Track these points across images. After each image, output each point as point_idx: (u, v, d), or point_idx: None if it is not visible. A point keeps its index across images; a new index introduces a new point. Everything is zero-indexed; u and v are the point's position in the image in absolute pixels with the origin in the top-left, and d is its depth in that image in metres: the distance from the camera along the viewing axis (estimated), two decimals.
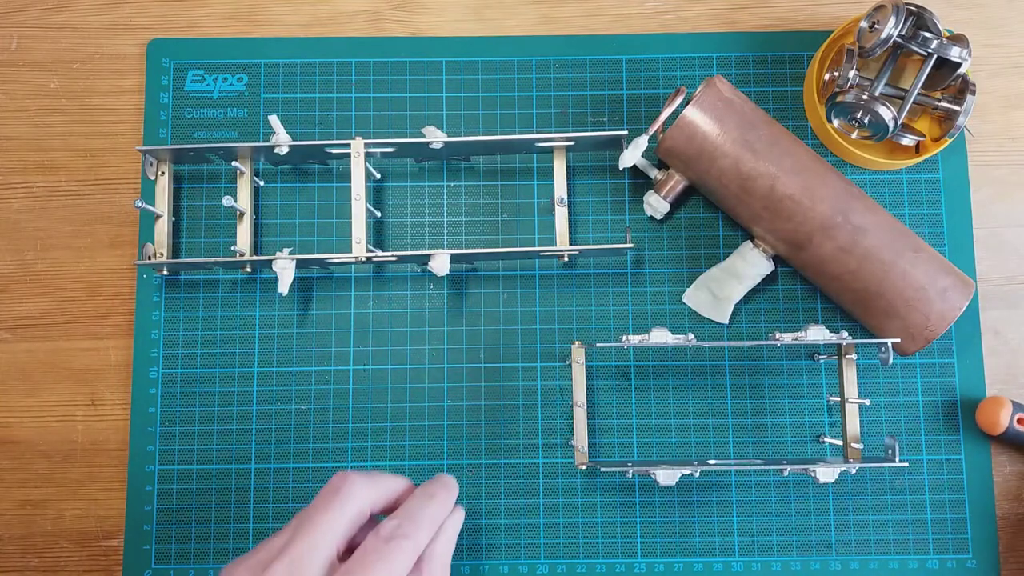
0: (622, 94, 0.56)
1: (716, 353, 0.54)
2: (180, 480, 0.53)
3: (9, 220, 0.56)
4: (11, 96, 0.57)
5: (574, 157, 0.55)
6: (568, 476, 0.53)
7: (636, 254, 0.55)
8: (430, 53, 0.56)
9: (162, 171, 0.54)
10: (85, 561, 0.53)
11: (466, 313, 0.54)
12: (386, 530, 0.38)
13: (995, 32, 0.57)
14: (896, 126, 0.51)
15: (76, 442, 0.54)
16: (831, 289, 0.51)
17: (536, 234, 0.55)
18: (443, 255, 0.50)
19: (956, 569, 0.52)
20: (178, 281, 0.54)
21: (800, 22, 0.57)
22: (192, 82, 0.56)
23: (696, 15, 0.57)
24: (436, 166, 0.56)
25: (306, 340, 0.54)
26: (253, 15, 0.58)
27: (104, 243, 0.55)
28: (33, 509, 0.53)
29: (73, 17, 0.57)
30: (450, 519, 0.42)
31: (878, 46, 0.50)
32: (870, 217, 0.49)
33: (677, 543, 0.52)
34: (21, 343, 0.55)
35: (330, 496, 0.39)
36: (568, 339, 0.54)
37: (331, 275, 0.54)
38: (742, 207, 0.51)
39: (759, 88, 0.56)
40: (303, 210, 0.55)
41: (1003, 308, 0.55)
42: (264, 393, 0.53)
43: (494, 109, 0.56)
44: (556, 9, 0.58)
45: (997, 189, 0.56)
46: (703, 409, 0.53)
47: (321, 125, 0.56)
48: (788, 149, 0.50)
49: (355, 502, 0.39)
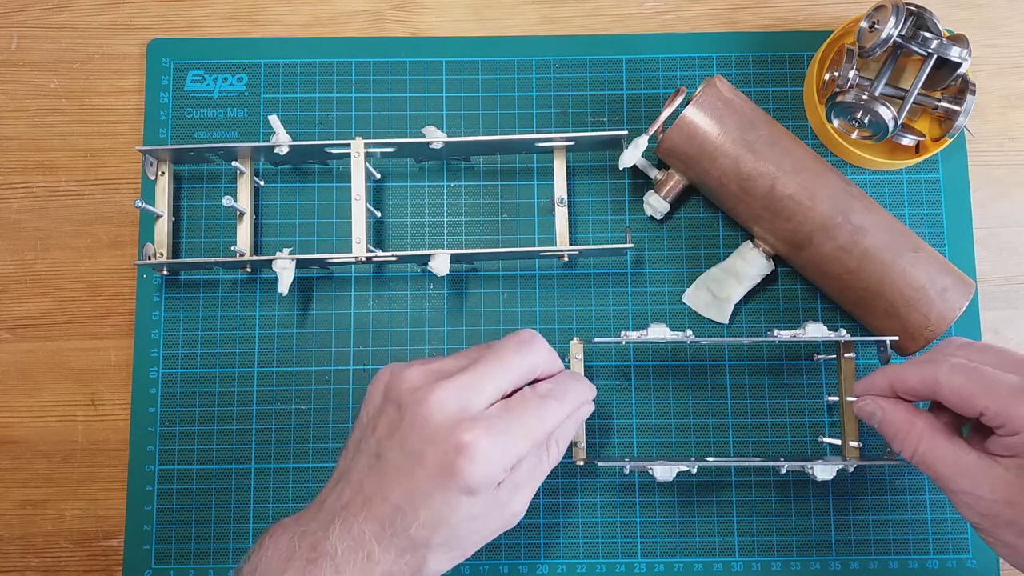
0: (622, 94, 0.56)
1: (716, 353, 0.54)
2: (180, 480, 0.53)
3: (9, 220, 0.56)
4: (11, 96, 0.57)
5: (574, 157, 0.55)
6: (568, 476, 0.53)
7: (636, 254, 0.55)
8: (430, 53, 0.56)
9: (162, 171, 0.54)
10: (85, 561, 0.53)
11: (466, 313, 0.54)
12: (543, 389, 0.43)
13: (995, 32, 0.57)
14: (896, 126, 0.51)
15: (76, 442, 0.54)
16: (831, 289, 0.51)
17: (536, 234, 0.55)
18: (443, 255, 0.50)
19: (956, 569, 0.52)
20: (178, 281, 0.54)
21: (800, 22, 0.57)
22: (192, 82, 0.56)
23: (696, 15, 0.57)
24: (436, 166, 0.56)
25: (306, 340, 0.54)
26: (253, 15, 0.58)
27: (104, 243, 0.55)
28: (33, 509, 0.53)
29: (73, 17, 0.57)
30: (585, 406, 0.45)
31: (878, 46, 0.50)
32: (870, 217, 0.49)
33: (677, 543, 0.52)
34: (21, 343, 0.55)
35: (518, 344, 0.43)
36: (568, 339, 0.54)
37: (331, 275, 0.54)
38: (742, 207, 0.51)
39: (759, 88, 0.56)
40: (303, 210, 0.55)
41: (1003, 308, 0.55)
42: (264, 393, 0.53)
43: (494, 109, 0.56)
44: (556, 9, 0.58)
45: (997, 189, 0.56)
46: (703, 409, 0.53)
47: (321, 125, 0.56)
48: (788, 149, 0.50)
49: (536, 357, 0.43)
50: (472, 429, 0.39)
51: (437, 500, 0.39)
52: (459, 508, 0.39)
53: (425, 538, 0.39)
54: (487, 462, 0.39)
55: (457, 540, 0.40)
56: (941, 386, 0.42)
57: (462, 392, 0.40)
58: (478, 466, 0.39)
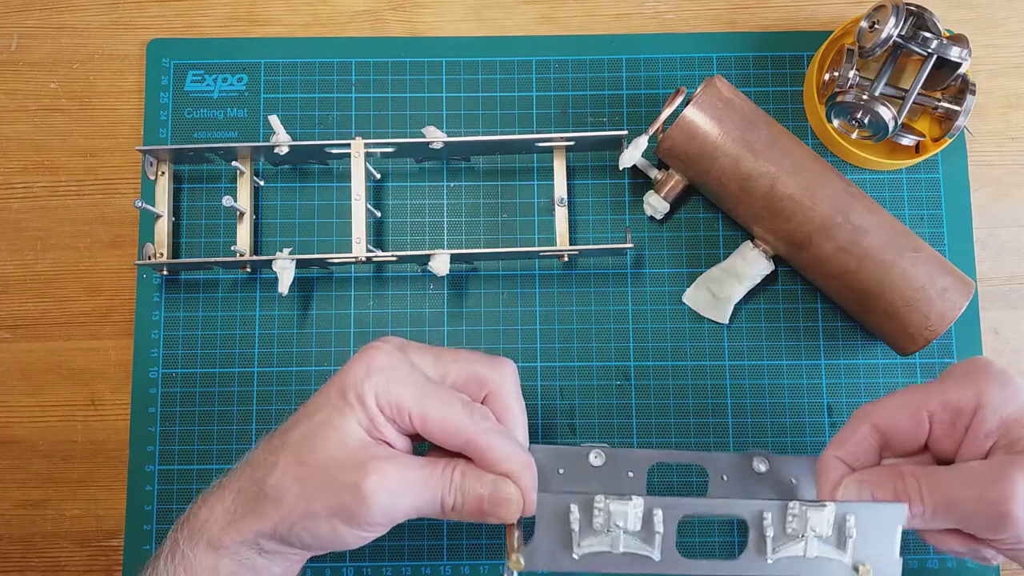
0: (622, 94, 0.56)
1: (716, 353, 0.54)
2: (180, 480, 0.53)
3: (9, 220, 0.56)
4: (11, 96, 0.57)
5: (574, 157, 0.55)
6: None
7: (636, 254, 0.55)
8: (430, 53, 0.56)
9: (162, 171, 0.54)
10: (85, 561, 0.53)
11: (466, 313, 0.54)
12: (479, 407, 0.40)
13: (995, 32, 0.57)
14: (896, 126, 0.51)
15: (76, 442, 0.54)
16: (831, 289, 0.51)
17: (536, 234, 0.55)
18: (443, 255, 0.50)
19: (956, 569, 0.52)
20: (178, 281, 0.54)
21: (800, 22, 0.57)
22: (192, 82, 0.56)
23: (696, 15, 0.57)
24: (436, 166, 0.56)
25: (306, 340, 0.54)
26: (253, 15, 0.58)
27: (104, 243, 0.55)
28: (33, 509, 0.53)
29: (73, 17, 0.57)
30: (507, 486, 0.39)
31: (878, 46, 0.50)
32: (870, 217, 0.49)
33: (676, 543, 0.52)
34: (21, 343, 0.55)
35: (489, 354, 0.41)
36: (568, 339, 0.54)
37: (331, 275, 0.54)
38: (742, 207, 0.51)
39: (759, 88, 0.56)
40: (303, 210, 0.55)
41: (1003, 308, 0.55)
42: (264, 393, 0.53)
43: (494, 109, 0.56)
44: (556, 9, 0.58)
45: (997, 189, 0.56)
46: (703, 409, 0.53)
47: (321, 125, 0.56)
48: (788, 149, 0.50)
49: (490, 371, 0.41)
50: (384, 345, 0.39)
51: (321, 394, 0.39)
52: (326, 409, 0.38)
53: (285, 436, 0.38)
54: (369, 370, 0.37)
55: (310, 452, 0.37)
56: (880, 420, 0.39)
57: (406, 343, 0.40)
58: (359, 367, 0.38)
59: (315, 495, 0.37)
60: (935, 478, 0.38)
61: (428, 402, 0.38)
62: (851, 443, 0.40)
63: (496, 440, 0.38)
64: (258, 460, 0.39)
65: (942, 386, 0.39)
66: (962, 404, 0.38)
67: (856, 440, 0.40)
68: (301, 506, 0.37)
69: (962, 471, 0.38)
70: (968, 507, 0.37)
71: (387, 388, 0.37)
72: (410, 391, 0.38)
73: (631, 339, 0.54)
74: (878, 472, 0.39)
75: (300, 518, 0.37)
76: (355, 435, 0.38)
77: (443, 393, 0.39)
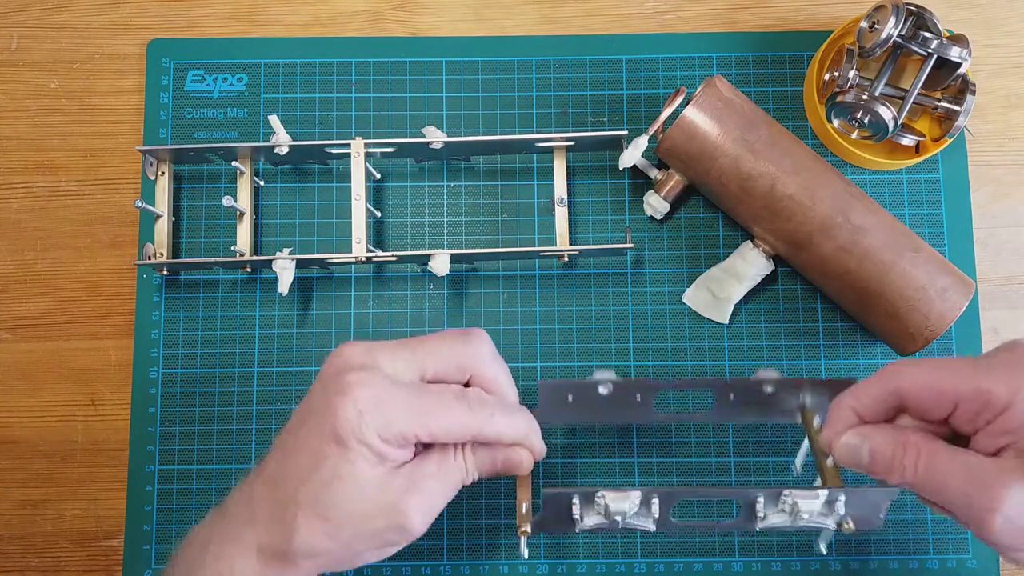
0: (622, 94, 0.56)
1: (716, 353, 0.54)
2: (180, 480, 0.53)
3: (9, 220, 0.56)
4: (11, 96, 0.57)
5: (574, 157, 0.55)
6: (568, 473, 0.53)
7: (636, 254, 0.55)
8: (430, 53, 0.56)
9: (162, 171, 0.54)
10: (85, 561, 0.53)
11: (466, 313, 0.54)
12: (470, 392, 0.40)
13: (995, 32, 0.57)
14: (896, 126, 0.51)
15: (76, 442, 0.54)
16: (831, 289, 0.51)
17: (536, 234, 0.55)
18: (443, 255, 0.50)
19: (956, 569, 0.52)
20: (178, 281, 0.54)
21: (800, 22, 0.57)
22: (192, 82, 0.56)
23: (696, 15, 0.57)
24: (436, 166, 0.56)
25: (306, 340, 0.54)
26: (253, 15, 0.58)
27: (104, 243, 0.55)
28: (33, 509, 0.53)
29: (73, 17, 0.57)
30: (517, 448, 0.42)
31: (878, 46, 0.50)
32: (870, 217, 0.49)
33: (677, 543, 0.52)
34: (21, 343, 0.55)
35: (456, 333, 0.41)
36: (568, 339, 0.54)
37: (331, 275, 0.54)
38: (742, 207, 0.51)
39: (759, 88, 0.56)
40: (303, 210, 0.55)
41: (1003, 308, 0.55)
42: (264, 393, 0.53)
43: (494, 109, 0.56)
44: (556, 9, 0.58)
45: (997, 189, 0.56)
46: (703, 409, 0.53)
47: (321, 125, 0.56)
48: (788, 149, 0.50)
49: (468, 350, 0.41)
50: (360, 373, 0.37)
51: (313, 441, 0.37)
52: (329, 459, 0.37)
53: (293, 493, 0.37)
54: (361, 411, 0.36)
55: (330, 508, 0.37)
56: (905, 386, 0.38)
57: (372, 350, 0.39)
58: (348, 409, 0.36)
59: (355, 541, 0.38)
60: (935, 459, 0.38)
61: (428, 417, 0.38)
62: (870, 399, 0.40)
63: (500, 423, 0.40)
64: (263, 516, 0.39)
65: (980, 375, 0.37)
66: (994, 399, 0.37)
67: (875, 397, 0.40)
68: (343, 553, 0.39)
69: (964, 462, 0.37)
70: (957, 500, 0.37)
71: (387, 423, 0.37)
72: (407, 414, 0.38)
73: (631, 339, 0.54)
74: (883, 433, 0.39)
75: (344, 561, 0.39)
76: (369, 480, 0.38)
77: (436, 398, 0.39)
